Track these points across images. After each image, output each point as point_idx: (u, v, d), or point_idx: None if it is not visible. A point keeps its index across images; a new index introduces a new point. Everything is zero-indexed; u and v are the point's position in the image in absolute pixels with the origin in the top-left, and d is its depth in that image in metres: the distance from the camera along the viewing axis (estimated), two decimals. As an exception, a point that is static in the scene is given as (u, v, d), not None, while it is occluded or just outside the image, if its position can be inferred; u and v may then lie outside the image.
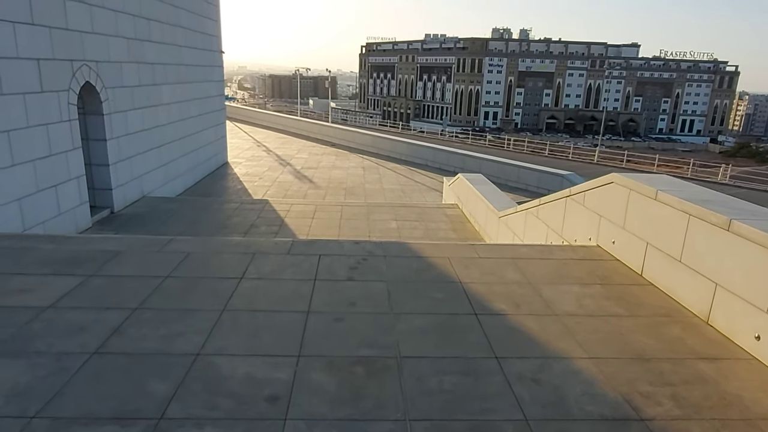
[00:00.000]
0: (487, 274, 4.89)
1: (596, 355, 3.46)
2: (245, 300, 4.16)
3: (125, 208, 12.50)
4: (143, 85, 13.69)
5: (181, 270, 4.73)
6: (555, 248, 5.85)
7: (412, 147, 24.71)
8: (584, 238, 6.13)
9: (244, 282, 4.50)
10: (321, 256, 5.15)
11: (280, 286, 4.47)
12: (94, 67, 11.15)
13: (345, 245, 5.57)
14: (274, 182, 18.43)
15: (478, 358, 3.39)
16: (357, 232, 11.19)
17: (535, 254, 5.52)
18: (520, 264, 5.17)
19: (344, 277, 4.70)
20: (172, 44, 15.74)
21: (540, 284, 4.67)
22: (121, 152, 12.36)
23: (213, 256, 5.15)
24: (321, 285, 4.50)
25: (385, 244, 5.65)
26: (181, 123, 16.62)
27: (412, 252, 5.45)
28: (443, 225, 12.05)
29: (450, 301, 4.28)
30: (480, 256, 5.36)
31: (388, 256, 5.24)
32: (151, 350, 3.36)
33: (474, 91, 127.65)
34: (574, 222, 6.52)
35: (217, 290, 4.31)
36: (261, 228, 11.32)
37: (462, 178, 13.17)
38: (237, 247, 5.40)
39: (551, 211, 7.25)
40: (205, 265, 4.95)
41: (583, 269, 5.07)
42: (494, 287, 4.58)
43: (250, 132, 33.88)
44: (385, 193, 17.26)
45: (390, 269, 4.92)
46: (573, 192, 6.55)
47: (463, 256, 5.35)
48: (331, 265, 4.98)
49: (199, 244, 5.47)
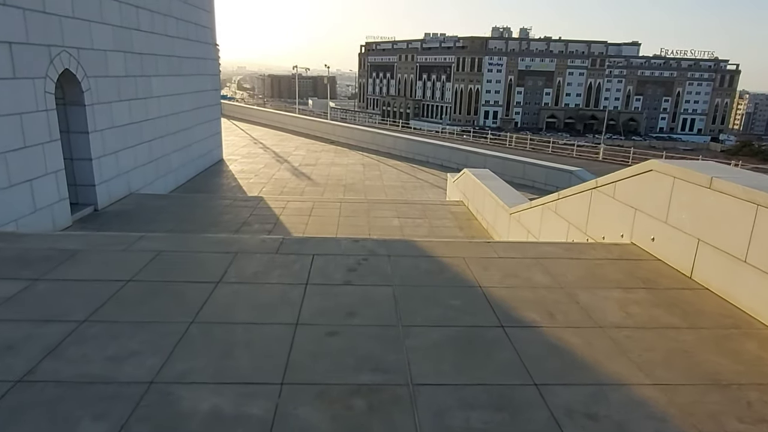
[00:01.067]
0: (509, 277, 4.14)
1: (661, 380, 2.72)
2: (220, 309, 3.42)
3: (110, 205, 11.74)
4: (131, 76, 12.94)
5: (147, 272, 3.99)
6: (584, 246, 5.11)
7: (413, 143, 23.97)
8: (615, 234, 5.40)
9: (221, 287, 3.75)
10: (315, 256, 4.41)
11: (264, 292, 3.73)
12: (74, 55, 10.40)
13: (343, 243, 4.82)
14: (270, 179, 17.68)
15: (512, 386, 2.65)
16: (357, 230, 10.45)
17: (562, 253, 4.78)
18: (547, 264, 4.43)
19: (341, 280, 3.96)
20: (162, 34, 14.99)
21: (574, 288, 3.93)
22: (105, 146, 11.60)
23: (187, 256, 4.41)
24: (314, 290, 3.76)
25: (388, 242, 4.91)
26: (172, 117, 15.86)
27: (420, 251, 4.71)
28: (448, 222, 11.31)
29: (469, 310, 3.53)
30: (499, 256, 4.62)
31: (393, 256, 4.50)
32: (91, 377, 2.62)
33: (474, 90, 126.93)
34: (601, 217, 5.78)
35: (186, 297, 3.56)
36: (253, 226, 10.58)
37: (468, 174, 12.44)
38: (217, 245, 4.65)
39: (573, 205, 6.51)
40: (177, 266, 4.20)
41: (620, 271, 4.32)
42: (520, 292, 3.84)
43: (246, 129, 33.11)
44: (386, 190, 16.52)
45: (396, 271, 4.18)
46: (600, 183, 5.81)
47: (480, 255, 4.61)
48: (327, 266, 4.24)
49: (173, 242, 4.73)
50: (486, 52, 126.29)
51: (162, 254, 4.36)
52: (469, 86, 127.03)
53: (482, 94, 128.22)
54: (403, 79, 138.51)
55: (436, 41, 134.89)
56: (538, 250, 4.87)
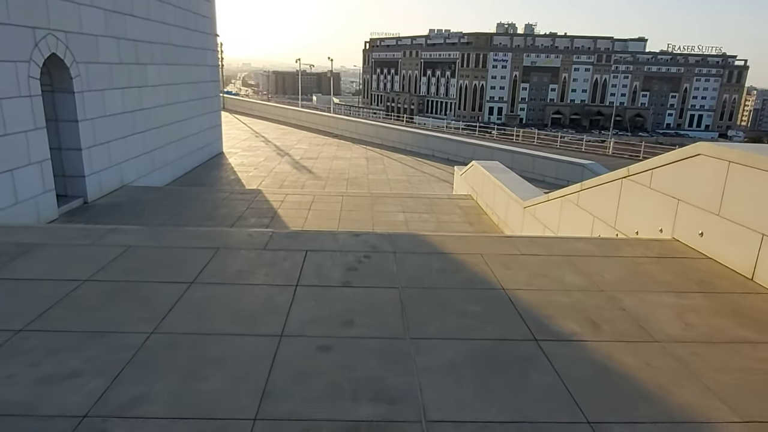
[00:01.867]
0: (537, 277, 3.52)
1: (752, 416, 2.10)
2: (190, 317, 2.81)
3: (101, 197, 11.16)
4: (124, 63, 12.34)
5: (110, 270, 3.38)
6: (618, 243, 4.48)
7: (419, 137, 23.31)
8: (651, 229, 4.76)
9: (194, 289, 3.14)
10: (308, 253, 3.80)
11: (245, 296, 3.12)
12: (62, 38, 9.81)
13: (341, 238, 4.21)
14: (270, 172, 17.08)
15: (558, 424, 2.03)
16: (359, 224, 9.84)
17: (595, 250, 4.15)
18: (579, 263, 3.80)
19: (338, 281, 3.35)
20: (158, 21, 14.39)
21: (616, 291, 3.31)
22: (96, 136, 11.02)
23: (161, 252, 3.80)
24: (305, 293, 3.14)
25: (394, 237, 4.29)
26: (169, 107, 15.27)
27: (430, 247, 4.09)
28: (457, 217, 10.68)
29: (493, 318, 2.91)
30: (522, 253, 3.99)
31: (399, 252, 3.88)
32: (9, 407, 2.01)
33: (478, 86, 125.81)
34: (634, 209, 5.15)
35: (151, 301, 2.96)
36: (250, 220, 9.98)
37: (477, 166, 11.79)
38: (197, 240, 4.04)
39: (600, 196, 5.87)
40: (147, 263, 3.59)
41: (666, 271, 3.69)
42: (553, 296, 3.21)
43: (249, 123, 32.54)
44: (391, 184, 15.89)
45: (402, 270, 3.56)
46: (633, 171, 5.17)
47: (500, 251, 3.99)
48: (322, 264, 3.62)
49: (146, 236, 4.12)
50: (491, 48, 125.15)
51: (132, 249, 3.76)
52: (473, 82, 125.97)
53: (487, 90, 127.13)
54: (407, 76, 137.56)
55: (440, 37, 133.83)
56: (567, 246, 4.24)
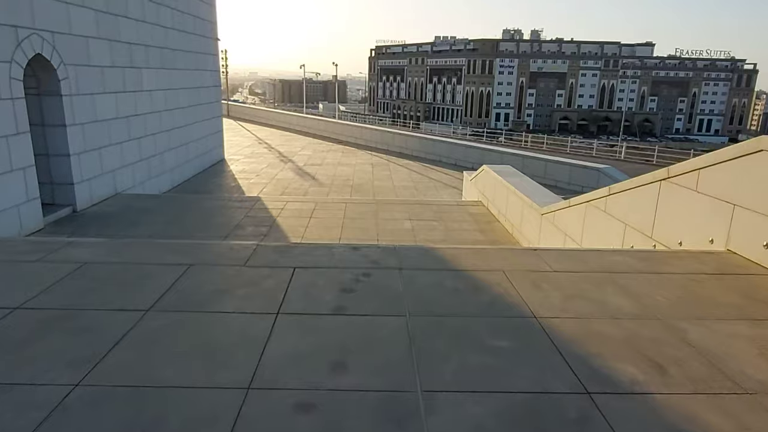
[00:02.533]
0: (574, 300, 2.86)
1: None
2: (133, 358, 2.18)
3: (92, 206, 10.60)
4: (117, 67, 11.82)
5: (52, 294, 2.77)
6: (664, 256, 3.81)
7: (425, 142, 22.70)
8: (699, 239, 4.10)
9: (149, 318, 2.51)
10: (296, 270, 3.16)
11: (211, 328, 2.48)
12: (48, 39, 9.29)
13: (337, 252, 3.56)
14: (272, 179, 16.50)
15: None
16: (363, 233, 9.20)
17: (639, 265, 3.49)
18: (623, 281, 3.14)
19: (330, 307, 2.71)
20: (155, 24, 13.89)
21: (676, 319, 2.65)
22: (86, 141, 10.48)
23: (121, 270, 3.18)
24: (287, 324, 2.51)
25: (399, 250, 3.64)
26: (167, 113, 14.75)
27: (442, 261, 3.45)
28: (467, 225, 10.02)
29: (527, 358, 2.26)
30: (553, 269, 3.34)
31: (406, 269, 3.24)
32: None
33: (485, 92, 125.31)
34: (676, 216, 4.48)
35: (92, 336, 2.33)
36: (247, 229, 9.38)
37: (488, 170, 11.15)
38: (167, 254, 3.42)
39: (632, 202, 5.20)
40: (101, 284, 2.97)
41: (730, 290, 3.03)
42: (598, 326, 2.56)
43: (253, 130, 32.07)
44: (397, 190, 15.26)
45: (410, 291, 2.92)
46: (674, 172, 4.51)
47: (526, 267, 3.34)
48: (312, 284, 2.99)
49: (108, 250, 3.51)
50: (497, 54, 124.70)
51: (87, 267, 3.14)
52: (480, 89, 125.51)
53: (493, 97, 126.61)
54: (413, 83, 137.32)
55: (446, 44, 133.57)
56: (604, 260, 3.58)
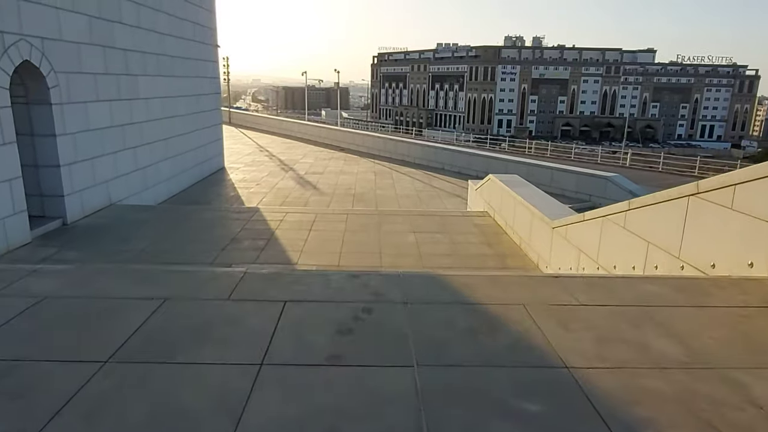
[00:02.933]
0: (610, 343, 2.45)
1: None
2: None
3: (83, 218, 10.23)
4: (112, 74, 11.49)
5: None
6: (701, 284, 3.40)
7: (429, 150, 22.33)
8: (735, 261, 3.69)
9: (104, 374, 2.10)
10: (287, 305, 2.76)
11: (180, 386, 2.07)
12: (37, 45, 8.95)
13: (334, 280, 3.15)
14: (273, 188, 16.13)
15: None
16: (365, 248, 8.80)
17: (676, 296, 3.07)
18: (661, 317, 2.73)
19: (324, 354, 2.30)
20: (151, 30, 13.57)
21: (733, 369, 2.23)
22: (78, 151, 10.12)
23: (84, 306, 2.77)
24: (272, 379, 2.10)
25: (404, 279, 3.23)
26: (164, 121, 14.41)
27: (452, 292, 3.04)
28: (473, 237, 9.61)
29: (563, 428, 1.84)
30: (580, 301, 2.92)
31: (412, 303, 2.84)
32: None
33: (487, 99, 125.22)
34: (708, 235, 4.07)
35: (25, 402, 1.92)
36: (243, 243, 8.99)
37: (494, 180, 10.74)
38: (141, 285, 3.02)
39: (656, 218, 4.79)
40: (57, 325, 2.56)
41: (788, 329, 2.61)
42: (643, 379, 2.14)
43: (254, 138, 31.76)
44: (400, 200, 14.87)
45: (417, 332, 2.51)
46: (704, 188, 4.10)
47: (549, 300, 2.93)
48: (304, 322, 2.58)
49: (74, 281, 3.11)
50: (499, 61, 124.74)
51: (46, 302, 2.74)
52: (482, 95, 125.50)
53: (496, 103, 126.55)
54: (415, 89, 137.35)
55: (448, 51, 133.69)
56: (635, 290, 3.16)
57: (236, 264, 7.87)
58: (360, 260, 8.17)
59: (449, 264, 8.14)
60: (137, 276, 3.19)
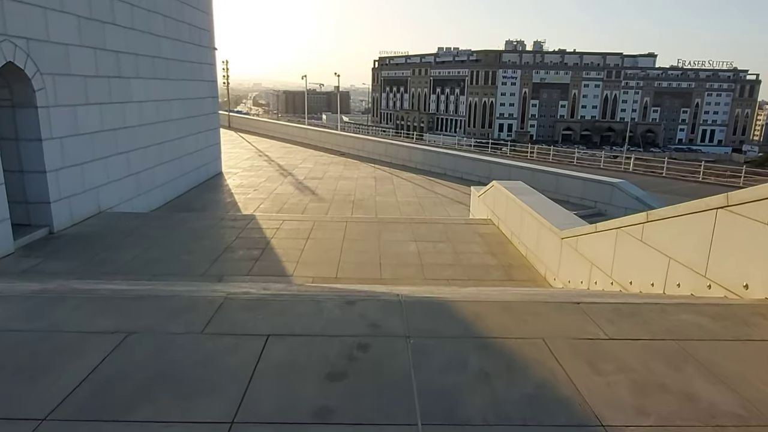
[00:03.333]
0: (649, 391, 2.06)
1: None
2: None
3: (71, 226, 9.85)
4: (103, 77, 11.13)
5: None
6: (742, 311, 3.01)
7: (430, 155, 21.96)
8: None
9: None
10: (270, 339, 2.38)
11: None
12: (22, 46, 8.59)
13: (326, 308, 2.77)
14: (271, 194, 15.76)
15: None
16: (364, 257, 8.42)
17: (715, 328, 2.69)
18: (702, 355, 2.35)
19: (310, 407, 1.91)
20: (146, 32, 13.23)
21: (804, 429, 1.84)
22: (66, 157, 9.75)
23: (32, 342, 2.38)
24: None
25: (405, 304, 2.85)
26: (159, 125, 14.06)
27: (460, 322, 2.65)
28: (477, 247, 9.22)
29: None
30: (607, 335, 2.54)
31: (415, 337, 2.45)
32: None
33: (488, 103, 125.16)
34: (739, 253, 3.68)
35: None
36: (238, 252, 8.60)
37: (498, 187, 10.37)
38: (102, 316, 2.63)
39: (678, 231, 4.41)
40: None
41: None
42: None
43: (253, 142, 31.44)
44: (401, 206, 14.49)
45: (422, 375, 2.13)
46: (736, 200, 3.71)
47: (572, 333, 2.54)
48: (289, 364, 2.20)
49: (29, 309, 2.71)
50: (500, 65, 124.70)
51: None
52: (483, 99, 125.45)
53: (496, 107, 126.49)
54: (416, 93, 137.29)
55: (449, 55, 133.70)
56: (669, 319, 2.78)
57: (228, 275, 7.50)
58: (359, 271, 7.79)
59: (452, 275, 7.76)
60: (101, 305, 2.79)
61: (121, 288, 3.26)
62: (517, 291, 4.29)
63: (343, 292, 3.33)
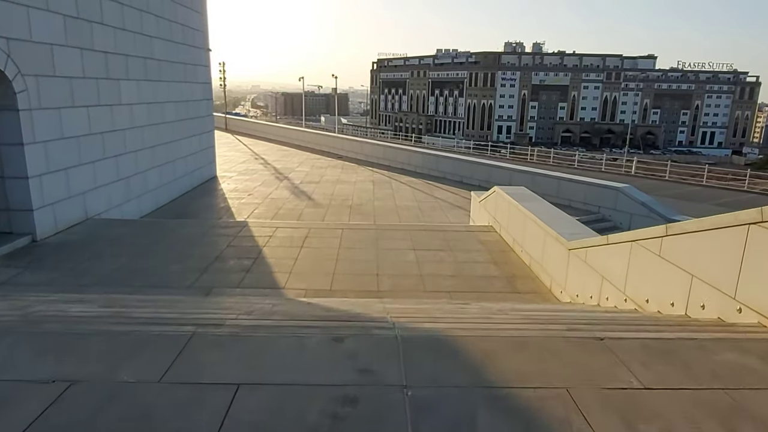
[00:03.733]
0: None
1: None
2: None
3: (56, 234, 9.45)
4: (90, 78, 10.73)
5: None
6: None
7: (429, 158, 21.58)
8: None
9: None
10: (240, 390, 1.97)
11: None
12: (2, 45, 8.20)
13: (309, 344, 2.37)
14: (266, 199, 15.36)
15: None
16: (360, 267, 8.01)
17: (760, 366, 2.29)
18: (759, 409, 1.95)
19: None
20: (136, 32, 12.83)
21: None
22: (50, 161, 9.35)
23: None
24: None
25: (403, 341, 2.44)
26: (150, 128, 13.65)
27: (468, 367, 2.25)
28: (478, 255, 8.82)
29: None
30: (643, 383, 2.14)
31: (415, 386, 2.05)
32: None
33: (487, 105, 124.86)
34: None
35: None
36: (228, 262, 8.20)
37: (500, 193, 9.97)
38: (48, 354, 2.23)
39: (703, 247, 4.01)
40: None
41: None
42: None
43: (249, 145, 31.05)
44: (400, 211, 14.09)
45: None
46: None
47: (600, 381, 2.14)
48: (260, 426, 1.79)
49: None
50: (499, 67, 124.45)
51: None
52: (482, 101, 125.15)
53: (495, 109, 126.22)
54: (415, 95, 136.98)
55: (448, 57, 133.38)
56: (712, 360, 2.38)
57: (217, 288, 7.09)
58: (355, 283, 7.39)
59: (453, 287, 7.36)
60: (45, 343, 2.39)
61: (81, 313, 2.85)
62: (527, 314, 3.88)
63: (331, 319, 2.93)
